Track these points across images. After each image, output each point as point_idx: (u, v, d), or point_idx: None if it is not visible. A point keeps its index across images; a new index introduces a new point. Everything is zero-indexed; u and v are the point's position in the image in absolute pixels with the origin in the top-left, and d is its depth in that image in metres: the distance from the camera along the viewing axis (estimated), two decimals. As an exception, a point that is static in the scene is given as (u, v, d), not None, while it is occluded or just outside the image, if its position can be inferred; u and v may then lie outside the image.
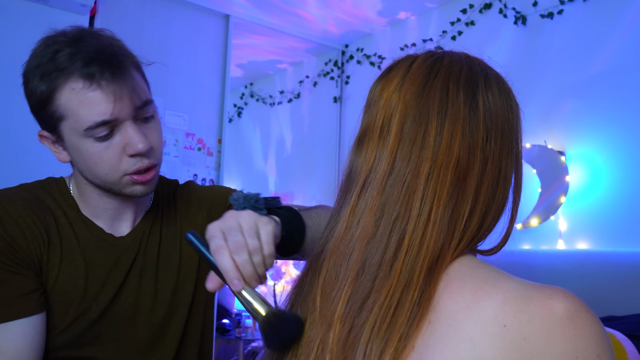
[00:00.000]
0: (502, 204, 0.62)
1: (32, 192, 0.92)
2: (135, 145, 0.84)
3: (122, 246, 0.94)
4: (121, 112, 0.83)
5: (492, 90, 0.63)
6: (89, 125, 0.82)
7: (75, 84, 0.81)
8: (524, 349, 0.50)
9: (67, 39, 0.84)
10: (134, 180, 0.87)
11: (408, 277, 0.56)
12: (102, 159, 0.85)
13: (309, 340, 0.59)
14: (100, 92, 0.81)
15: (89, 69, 0.81)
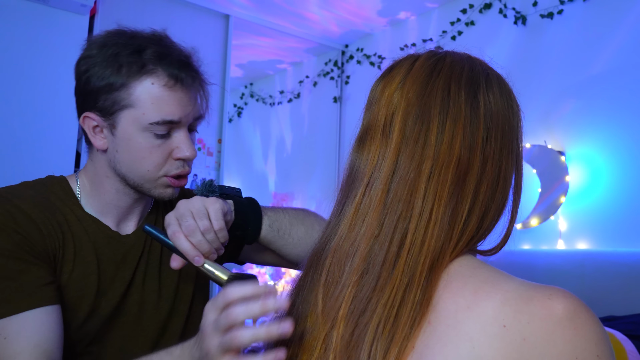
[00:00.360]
0: (502, 204, 0.62)
1: (37, 190, 0.92)
2: (185, 150, 0.89)
3: (128, 244, 0.96)
4: (186, 118, 0.89)
5: (493, 90, 0.63)
6: (156, 120, 0.87)
7: (157, 80, 0.86)
8: (524, 349, 0.50)
9: (152, 39, 0.89)
10: (171, 183, 0.91)
11: (410, 277, 0.56)
12: (151, 155, 0.88)
13: (311, 339, 0.59)
14: (180, 94, 0.87)
15: (178, 72, 0.87)
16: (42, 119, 2.65)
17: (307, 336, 0.60)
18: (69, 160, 2.72)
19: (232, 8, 3.53)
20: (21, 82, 2.60)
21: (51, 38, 2.69)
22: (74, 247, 0.90)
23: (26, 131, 2.60)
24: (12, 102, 2.57)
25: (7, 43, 2.57)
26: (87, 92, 0.89)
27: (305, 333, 0.61)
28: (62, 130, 2.71)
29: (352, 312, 0.56)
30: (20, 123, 2.60)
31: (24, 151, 2.58)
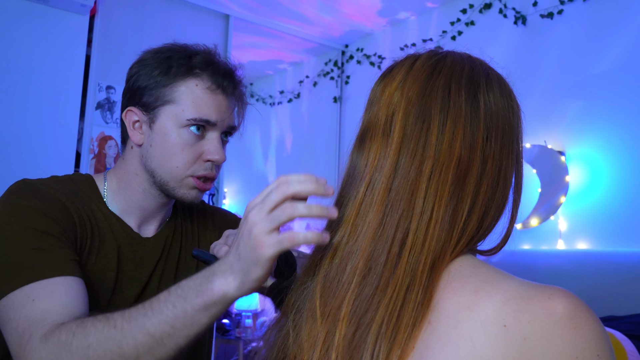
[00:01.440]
0: (502, 204, 0.62)
1: (66, 184, 0.95)
2: (215, 153, 0.93)
3: (148, 246, 0.98)
4: (222, 122, 0.93)
5: (493, 90, 0.63)
6: (194, 117, 0.91)
7: (201, 83, 0.92)
8: (524, 349, 0.50)
9: (204, 50, 0.96)
10: (196, 184, 0.94)
11: (412, 276, 0.56)
12: (182, 152, 0.92)
13: (312, 338, 0.59)
14: (219, 99, 0.93)
15: (222, 79, 0.93)
16: (42, 119, 2.65)
17: (307, 336, 0.60)
18: (69, 160, 2.72)
19: (232, 8, 3.53)
20: (21, 82, 2.60)
21: (51, 38, 2.69)
22: (99, 241, 0.92)
23: (26, 131, 2.61)
24: (12, 102, 2.57)
25: (7, 43, 2.57)
26: (134, 89, 0.95)
27: (305, 333, 0.61)
28: (62, 130, 2.71)
29: (354, 311, 0.56)
30: (21, 123, 2.60)
31: (24, 151, 2.58)
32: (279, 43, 4.14)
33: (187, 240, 1.05)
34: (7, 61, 2.57)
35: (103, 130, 2.94)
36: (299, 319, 0.63)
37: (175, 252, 1.02)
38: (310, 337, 0.59)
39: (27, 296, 0.77)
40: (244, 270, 0.62)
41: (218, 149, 0.93)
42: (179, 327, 0.66)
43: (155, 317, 0.66)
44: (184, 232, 1.05)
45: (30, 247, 0.82)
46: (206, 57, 0.94)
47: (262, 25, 3.76)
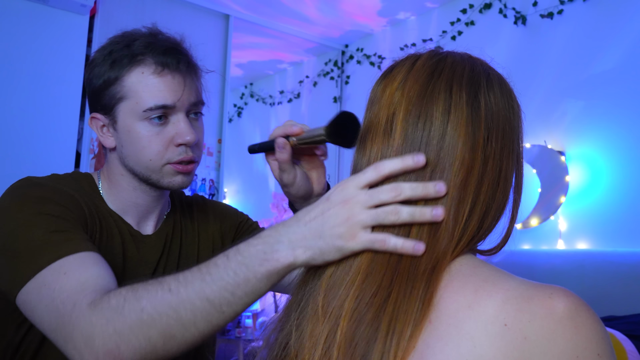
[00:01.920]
0: (502, 204, 0.62)
1: (66, 182, 0.94)
2: (185, 135, 0.90)
3: (149, 244, 0.98)
4: (180, 102, 0.90)
5: (493, 90, 0.63)
6: (150, 106, 0.88)
7: (145, 69, 0.89)
8: (525, 348, 0.50)
9: (144, 33, 0.92)
10: (176, 169, 0.91)
11: (413, 276, 0.56)
12: (150, 143, 0.90)
13: (314, 337, 0.59)
14: (169, 79, 0.89)
15: (164, 57, 0.89)
16: (43, 119, 2.65)
17: (309, 335, 0.60)
18: (69, 160, 2.73)
19: (232, 8, 3.53)
20: (21, 82, 2.60)
21: (51, 38, 2.69)
22: (107, 237, 0.92)
23: (26, 131, 2.61)
24: (12, 102, 2.57)
25: (7, 43, 2.57)
26: (91, 94, 0.93)
27: (307, 332, 0.61)
28: (62, 130, 2.71)
29: (356, 311, 0.56)
30: (21, 123, 2.60)
31: (24, 151, 2.58)
32: (279, 43, 4.14)
33: (187, 236, 1.04)
34: (7, 61, 2.57)
35: (103, 130, 2.93)
36: (302, 318, 0.63)
37: (176, 248, 1.01)
38: (312, 336, 0.59)
39: (57, 272, 0.74)
40: (322, 249, 0.60)
41: (186, 130, 0.90)
42: (240, 295, 0.64)
43: (215, 284, 0.64)
44: (183, 227, 1.04)
45: (49, 229, 0.80)
46: (145, 40, 0.90)
47: (262, 25, 3.76)
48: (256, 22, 3.72)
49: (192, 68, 0.93)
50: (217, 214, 1.10)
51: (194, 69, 0.94)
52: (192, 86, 0.92)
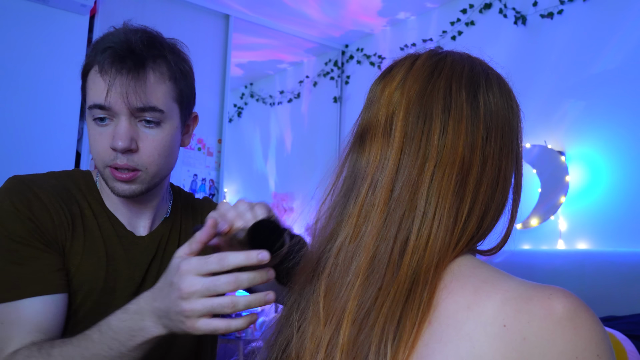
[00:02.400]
0: (501, 203, 0.62)
1: (60, 180, 0.94)
2: (115, 140, 0.87)
3: (141, 245, 0.96)
4: (115, 104, 0.86)
5: (493, 90, 0.63)
6: (89, 104, 0.88)
7: (96, 67, 0.88)
8: (524, 349, 0.50)
9: (114, 31, 0.90)
10: (113, 174, 0.89)
11: (414, 277, 0.56)
12: (95, 142, 0.89)
13: (315, 339, 0.59)
14: (103, 80, 0.86)
15: (102, 56, 0.87)
16: (43, 119, 2.65)
17: (310, 337, 0.60)
18: (69, 160, 2.73)
19: (232, 8, 3.53)
20: (21, 82, 2.60)
21: (51, 38, 2.69)
22: (84, 241, 0.91)
23: (26, 131, 2.61)
24: (12, 102, 2.57)
25: (7, 43, 2.57)
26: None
27: (308, 334, 0.60)
28: (62, 130, 2.71)
29: (358, 312, 0.56)
30: (21, 123, 2.60)
31: (24, 151, 2.58)
32: (279, 43, 4.14)
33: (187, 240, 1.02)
34: (7, 61, 2.57)
35: (103, 130, 2.94)
36: (302, 320, 0.62)
37: (172, 250, 0.98)
38: (313, 338, 0.59)
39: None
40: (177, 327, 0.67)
41: (118, 134, 0.86)
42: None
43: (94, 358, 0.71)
44: (183, 230, 1.02)
45: (10, 260, 0.83)
46: (104, 40, 0.88)
47: (262, 25, 3.76)
48: (256, 22, 3.72)
49: (135, 69, 0.86)
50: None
51: (142, 70, 0.87)
52: (134, 89, 0.86)
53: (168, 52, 0.91)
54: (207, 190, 3.36)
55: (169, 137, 0.91)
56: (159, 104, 0.88)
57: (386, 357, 0.53)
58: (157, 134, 0.90)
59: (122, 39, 0.87)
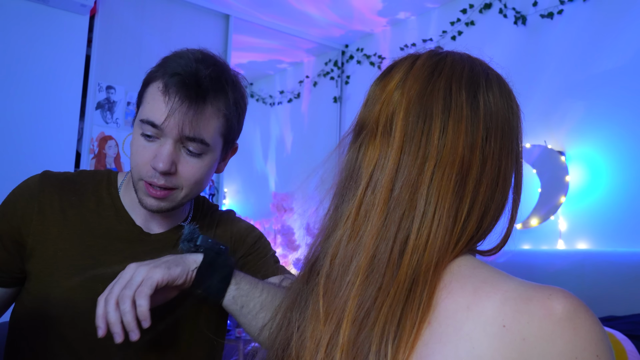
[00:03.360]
0: (501, 204, 0.62)
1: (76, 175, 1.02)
2: (157, 161, 0.90)
3: (147, 241, 0.99)
4: (167, 128, 0.89)
5: (492, 90, 0.63)
6: (143, 118, 0.91)
7: (160, 84, 0.90)
8: (523, 349, 0.50)
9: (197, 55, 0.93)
10: (147, 189, 0.92)
11: (413, 277, 0.56)
12: (137, 154, 0.92)
13: (315, 339, 0.59)
14: (164, 102, 0.89)
15: (170, 80, 0.89)
16: (43, 119, 2.65)
17: (310, 336, 0.60)
18: (69, 160, 2.73)
19: (232, 8, 3.53)
20: (21, 82, 2.60)
21: (51, 38, 2.69)
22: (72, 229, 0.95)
23: (26, 131, 2.61)
24: (12, 102, 2.57)
25: (7, 43, 2.57)
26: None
27: (308, 333, 0.60)
28: (62, 130, 2.71)
29: (358, 311, 0.56)
30: (21, 123, 2.60)
31: (24, 151, 2.58)
32: (279, 43, 4.14)
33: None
34: (7, 61, 2.57)
35: (103, 130, 2.94)
36: (302, 319, 0.62)
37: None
38: (313, 337, 0.59)
39: None
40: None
41: (161, 156, 0.89)
42: None
43: None
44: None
45: None
46: (175, 61, 0.91)
47: (262, 25, 3.76)
48: (256, 22, 3.72)
49: (196, 101, 0.89)
50: (236, 238, 1.09)
51: (201, 103, 0.89)
52: (190, 120, 0.88)
53: (230, 89, 0.94)
54: (207, 190, 3.36)
55: (207, 167, 0.95)
56: (208, 137, 0.92)
57: (386, 357, 0.53)
58: (197, 162, 0.93)
59: (192, 69, 0.89)
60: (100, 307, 0.78)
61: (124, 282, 0.80)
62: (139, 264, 0.82)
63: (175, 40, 3.26)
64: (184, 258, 0.85)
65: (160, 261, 0.83)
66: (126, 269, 0.82)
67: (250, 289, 0.89)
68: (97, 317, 0.78)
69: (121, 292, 0.78)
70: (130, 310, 0.77)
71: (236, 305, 0.88)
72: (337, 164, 0.67)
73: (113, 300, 0.78)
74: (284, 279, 1.02)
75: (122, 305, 0.77)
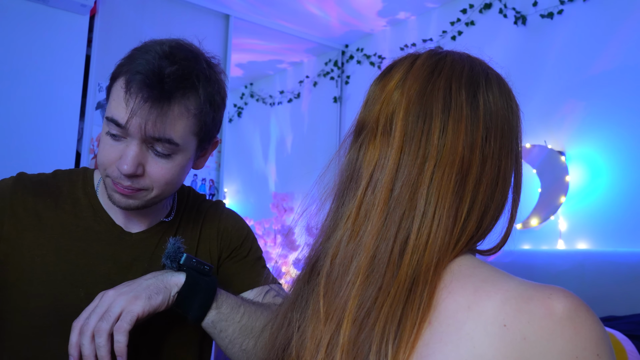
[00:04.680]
0: (501, 203, 0.62)
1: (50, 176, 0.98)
2: (122, 162, 0.85)
3: (128, 242, 0.95)
4: (131, 129, 0.84)
5: (492, 90, 0.63)
6: (107, 115, 0.87)
7: (123, 81, 0.85)
8: (524, 349, 0.50)
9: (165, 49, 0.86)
10: (114, 185, 0.88)
11: (414, 277, 0.56)
12: (103, 151, 0.88)
13: (315, 339, 0.59)
14: (125, 102, 0.84)
15: (133, 77, 0.83)
16: (43, 119, 2.65)
17: (310, 336, 0.60)
18: (69, 160, 2.73)
19: (232, 8, 3.53)
20: (21, 82, 2.60)
21: (51, 38, 2.69)
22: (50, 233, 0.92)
23: (27, 131, 2.60)
24: (12, 102, 2.57)
25: (7, 43, 2.57)
26: None
27: (308, 333, 0.60)
28: (62, 130, 2.71)
29: (358, 311, 0.56)
30: (21, 123, 2.60)
31: (24, 151, 2.58)
32: (279, 43, 4.14)
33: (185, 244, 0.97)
34: (7, 61, 2.57)
35: (103, 130, 2.94)
36: (302, 319, 0.62)
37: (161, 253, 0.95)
38: (313, 337, 0.59)
39: None
40: None
41: (126, 157, 0.84)
42: None
43: None
44: (180, 233, 1.00)
45: None
46: (140, 55, 0.86)
47: (262, 25, 3.76)
48: (256, 22, 3.72)
49: (161, 101, 0.83)
50: (223, 232, 1.05)
51: (167, 103, 0.83)
52: (154, 119, 0.83)
53: (202, 85, 0.88)
54: (207, 190, 3.36)
55: (179, 167, 0.89)
56: (176, 137, 0.86)
57: (387, 357, 0.53)
58: (166, 163, 0.88)
59: (154, 67, 0.83)
60: (74, 335, 0.77)
61: (101, 312, 0.77)
62: (118, 292, 0.79)
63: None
64: (165, 281, 0.83)
65: (140, 287, 0.80)
66: (104, 296, 0.79)
67: (230, 313, 0.88)
68: (70, 345, 0.76)
69: (97, 324, 0.76)
70: (105, 344, 0.75)
71: (214, 330, 0.87)
72: (338, 166, 0.67)
73: (89, 333, 0.76)
74: (269, 290, 1.01)
75: (97, 338, 0.75)
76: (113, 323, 0.77)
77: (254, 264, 1.06)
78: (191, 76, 0.86)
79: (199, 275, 0.86)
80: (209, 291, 0.86)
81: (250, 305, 0.91)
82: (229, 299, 0.89)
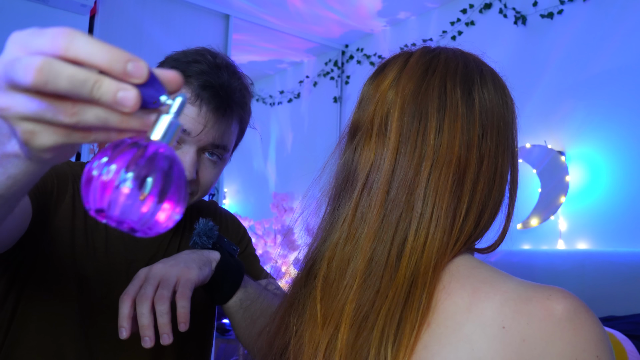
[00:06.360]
0: (498, 201, 0.62)
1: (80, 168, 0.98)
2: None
3: (141, 242, 0.97)
4: (197, 137, 0.87)
5: (487, 86, 0.62)
6: None
7: (186, 92, 0.87)
8: (523, 350, 0.49)
9: (211, 59, 0.91)
10: None
11: (412, 279, 0.55)
12: None
13: (313, 342, 0.58)
14: (196, 114, 0.87)
15: (202, 91, 0.87)
16: (42, 119, 2.65)
17: (308, 340, 0.59)
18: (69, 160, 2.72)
19: (232, 8, 3.53)
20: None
21: (51, 38, 2.69)
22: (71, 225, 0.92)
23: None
24: (12, 102, 2.57)
25: (7, 43, 2.57)
26: None
27: (306, 337, 0.60)
28: (62, 130, 2.70)
29: (356, 315, 0.55)
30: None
31: (24, 151, 2.58)
32: (279, 43, 4.14)
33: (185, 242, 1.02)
34: (7, 61, 2.57)
35: (103, 130, 2.93)
36: (299, 323, 0.62)
37: (173, 251, 0.99)
38: (311, 341, 0.58)
39: None
40: None
41: (186, 164, 0.87)
42: None
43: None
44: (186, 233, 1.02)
45: None
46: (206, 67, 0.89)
47: (262, 25, 3.76)
48: (256, 22, 3.71)
49: (227, 113, 0.90)
50: (222, 229, 1.07)
51: (230, 115, 0.91)
52: (222, 131, 0.90)
53: (248, 99, 0.96)
54: (207, 190, 3.36)
55: (219, 172, 0.97)
56: (229, 143, 0.94)
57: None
58: (214, 168, 0.94)
59: (224, 82, 0.89)
60: (125, 306, 0.74)
61: (155, 282, 0.76)
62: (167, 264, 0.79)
63: (175, 40, 3.26)
64: (205, 255, 0.84)
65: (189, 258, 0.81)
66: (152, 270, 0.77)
67: (254, 293, 0.90)
68: (122, 318, 0.73)
69: (158, 292, 0.74)
70: (168, 311, 0.74)
71: (240, 308, 0.88)
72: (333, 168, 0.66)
73: (148, 302, 0.73)
74: (268, 284, 1.03)
75: (160, 306, 0.73)
76: (172, 290, 0.76)
77: (253, 259, 1.10)
78: (249, 90, 0.95)
79: (230, 256, 0.88)
80: (240, 270, 0.88)
81: (265, 289, 0.95)
82: (251, 281, 0.92)
